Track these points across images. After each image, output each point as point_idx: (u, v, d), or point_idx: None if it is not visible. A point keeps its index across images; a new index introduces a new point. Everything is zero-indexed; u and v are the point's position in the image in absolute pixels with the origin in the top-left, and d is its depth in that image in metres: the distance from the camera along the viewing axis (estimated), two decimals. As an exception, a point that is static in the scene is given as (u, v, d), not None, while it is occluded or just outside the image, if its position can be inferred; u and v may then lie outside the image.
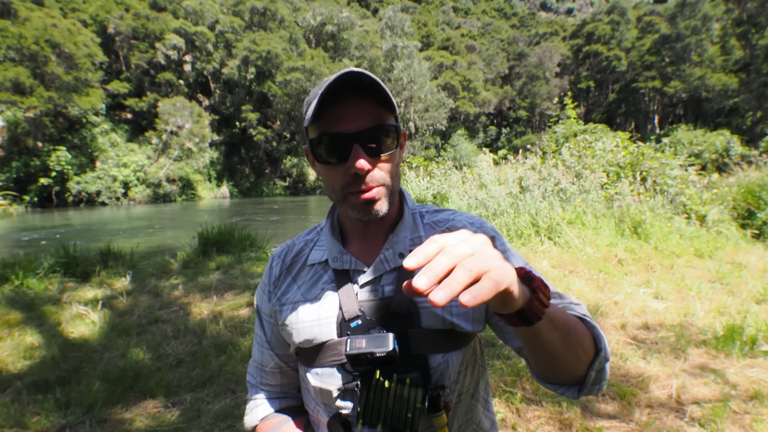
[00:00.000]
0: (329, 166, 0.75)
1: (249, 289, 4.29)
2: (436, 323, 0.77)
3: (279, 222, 17.97)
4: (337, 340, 0.77)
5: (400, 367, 0.74)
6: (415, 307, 0.77)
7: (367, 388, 0.72)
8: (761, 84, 34.98)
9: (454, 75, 52.92)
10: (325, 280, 0.82)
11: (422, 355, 0.76)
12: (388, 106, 0.74)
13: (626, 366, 2.59)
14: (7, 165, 29.45)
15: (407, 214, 0.84)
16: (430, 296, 0.43)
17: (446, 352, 0.77)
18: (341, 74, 0.68)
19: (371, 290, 0.79)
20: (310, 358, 0.81)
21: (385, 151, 0.74)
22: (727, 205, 6.43)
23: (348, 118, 0.71)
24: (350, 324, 0.77)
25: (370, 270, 0.80)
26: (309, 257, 0.86)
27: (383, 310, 0.77)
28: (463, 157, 39.93)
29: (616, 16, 57.61)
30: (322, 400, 0.80)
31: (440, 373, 0.76)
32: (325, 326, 0.78)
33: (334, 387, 0.77)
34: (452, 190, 8.24)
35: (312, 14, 47.99)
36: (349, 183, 0.74)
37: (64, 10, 38.33)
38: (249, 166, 44.52)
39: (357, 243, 0.84)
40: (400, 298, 0.77)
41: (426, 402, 0.72)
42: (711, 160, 26.51)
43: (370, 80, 0.70)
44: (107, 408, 2.36)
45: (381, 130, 0.73)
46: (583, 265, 4.51)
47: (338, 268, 0.81)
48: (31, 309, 3.72)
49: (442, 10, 78.53)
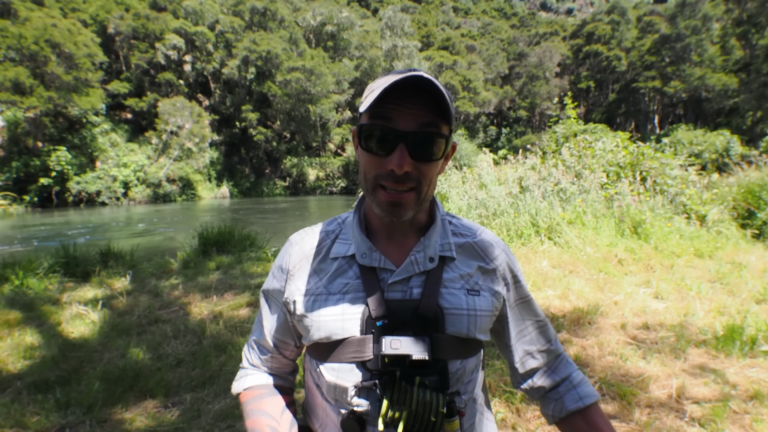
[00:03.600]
0: (370, 154, 0.75)
1: (249, 289, 4.29)
2: (460, 330, 0.78)
3: (279, 222, 17.97)
4: (360, 337, 0.77)
5: (422, 371, 0.74)
6: (441, 312, 0.77)
7: (391, 388, 0.72)
8: (761, 84, 34.95)
9: (454, 75, 52.87)
10: (350, 275, 0.81)
11: (443, 360, 0.76)
12: (445, 117, 0.73)
13: (626, 366, 2.59)
14: (7, 165, 29.42)
15: (439, 219, 0.85)
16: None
17: (464, 359, 0.79)
18: (410, 75, 0.68)
19: (399, 291, 0.79)
20: (326, 353, 0.80)
21: (428, 158, 0.74)
22: (727, 205, 6.43)
23: (402, 116, 0.72)
24: (376, 323, 0.76)
25: (400, 270, 0.79)
26: (332, 250, 0.84)
27: (410, 311, 0.76)
28: (463, 157, 39.84)
29: (616, 16, 57.56)
30: (334, 396, 0.79)
31: (457, 378, 0.78)
32: (348, 322, 0.78)
33: (350, 384, 0.76)
34: (452, 190, 8.22)
35: (312, 14, 47.96)
36: (382, 176, 0.74)
37: (64, 10, 38.30)
38: (249, 166, 44.50)
39: (384, 241, 0.84)
40: (428, 301, 0.77)
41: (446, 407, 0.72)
42: (711, 160, 26.50)
43: (435, 87, 0.70)
44: (107, 408, 2.36)
45: (430, 136, 0.73)
46: (583, 265, 4.51)
47: (366, 265, 0.80)
48: (30, 309, 3.71)
49: (442, 10, 78.49)
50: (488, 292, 0.82)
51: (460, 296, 0.79)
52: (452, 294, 0.79)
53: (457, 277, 0.81)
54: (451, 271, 0.81)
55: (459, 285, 0.80)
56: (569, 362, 0.93)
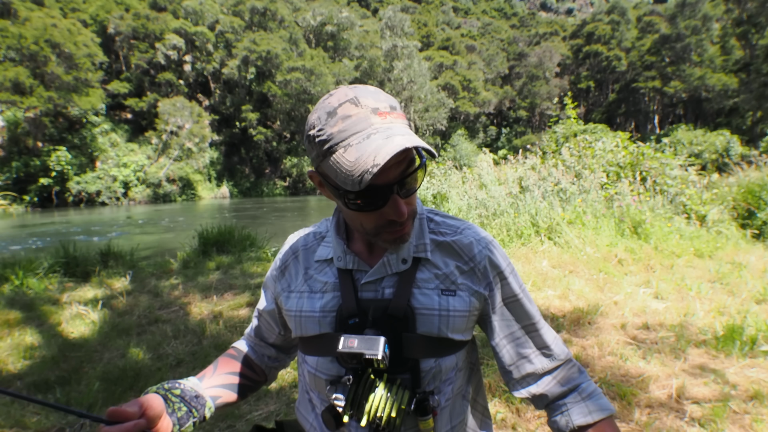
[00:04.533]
0: (364, 213, 0.73)
1: (249, 289, 4.29)
2: (430, 330, 0.79)
3: (279, 222, 17.97)
4: (333, 334, 0.80)
5: (391, 367, 0.76)
6: (412, 312, 0.79)
7: (356, 383, 0.74)
8: (761, 84, 34.97)
9: (454, 75, 52.92)
10: (329, 276, 0.85)
11: (414, 359, 0.78)
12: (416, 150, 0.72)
13: (626, 366, 2.59)
14: (7, 165, 29.45)
15: (415, 220, 0.84)
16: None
17: (439, 357, 0.79)
18: (393, 153, 0.64)
19: (372, 291, 0.81)
20: (309, 347, 0.85)
21: (416, 188, 0.75)
22: (727, 205, 6.43)
23: (385, 171, 0.68)
24: (348, 321, 0.79)
25: (372, 271, 0.81)
26: (317, 252, 0.89)
27: (381, 311, 0.79)
28: (463, 157, 39.96)
29: (616, 16, 57.59)
30: (315, 387, 0.85)
31: (432, 377, 0.79)
32: (324, 319, 0.82)
33: (326, 377, 0.81)
34: (452, 190, 8.23)
35: (312, 14, 47.99)
36: (383, 225, 0.74)
37: (64, 10, 38.33)
38: (249, 166, 44.52)
39: (361, 243, 0.86)
40: (398, 301, 0.78)
41: (413, 405, 0.74)
42: (711, 160, 26.52)
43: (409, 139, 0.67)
44: (107, 408, 2.36)
45: (414, 173, 0.72)
46: (583, 265, 4.51)
47: (341, 267, 0.83)
48: (30, 309, 3.71)
49: (442, 10, 78.52)
50: (466, 291, 0.81)
51: (433, 296, 0.80)
52: (424, 294, 0.80)
53: (432, 277, 0.82)
54: (427, 271, 0.82)
55: (433, 285, 0.81)
56: (580, 370, 0.87)
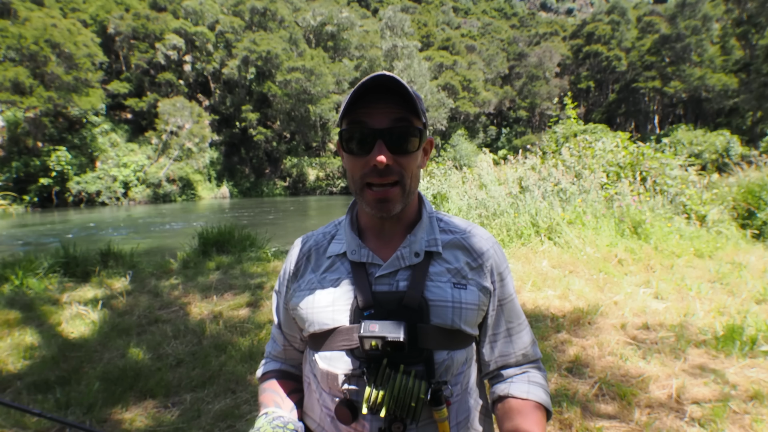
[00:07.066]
0: (353, 156, 0.81)
1: (249, 289, 4.29)
2: (444, 321, 0.81)
3: (279, 222, 17.97)
4: (349, 326, 0.82)
5: (407, 358, 0.78)
6: (426, 303, 0.81)
7: (374, 375, 0.76)
8: (761, 84, 34.96)
9: (454, 75, 52.86)
10: (342, 271, 0.87)
11: (428, 350, 0.80)
12: (415, 112, 0.80)
13: (626, 366, 2.59)
14: (7, 165, 29.41)
15: (425, 216, 0.90)
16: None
17: (451, 350, 0.82)
18: (374, 76, 0.75)
19: (386, 283, 0.83)
20: (320, 342, 0.85)
21: (405, 150, 0.80)
22: (727, 205, 6.43)
23: (375, 116, 0.79)
24: (363, 312, 0.81)
25: (387, 264, 0.84)
26: (328, 249, 0.91)
27: (396, 303, 0.81)
28: (463, 157, 39.91)
29: (616, 16, 57.54)
30: (327, 383, 0.84)
31: (444, 369, 0.81)
32: (338, 312, 0.83)
33: (341, 371, 0.81)
34: (452, 190, 8.23)
35: (312, 14, 47.94)
36: (367, 174, 0.80)
37: (64, 10, 38.28)
38: (249, 166, 44.49)
39: (373, 238, 0.89)
40: (412, 293, 0.81)
41: (429, 394, 0.76)
42: (711, 160, 26.51)
43: (400, 86, 0.76)
44: (107, 408, 2.36)
45: (404, 130, 0.80)
46: (583, 265, 4.51)
47: (356, 261, 0.86)
48: (30, 309, 3.71)
49: (442, 10, 78.44)
50: (476, 286, 0.85)
51: (446, 289, 0.83)
52: (438, 286, 0.83)
53: (444, 270, 0.85)
54: (438, 265, 0.86)
55: (445, 278, 0.84)
56: (540, 368, 0.93)
